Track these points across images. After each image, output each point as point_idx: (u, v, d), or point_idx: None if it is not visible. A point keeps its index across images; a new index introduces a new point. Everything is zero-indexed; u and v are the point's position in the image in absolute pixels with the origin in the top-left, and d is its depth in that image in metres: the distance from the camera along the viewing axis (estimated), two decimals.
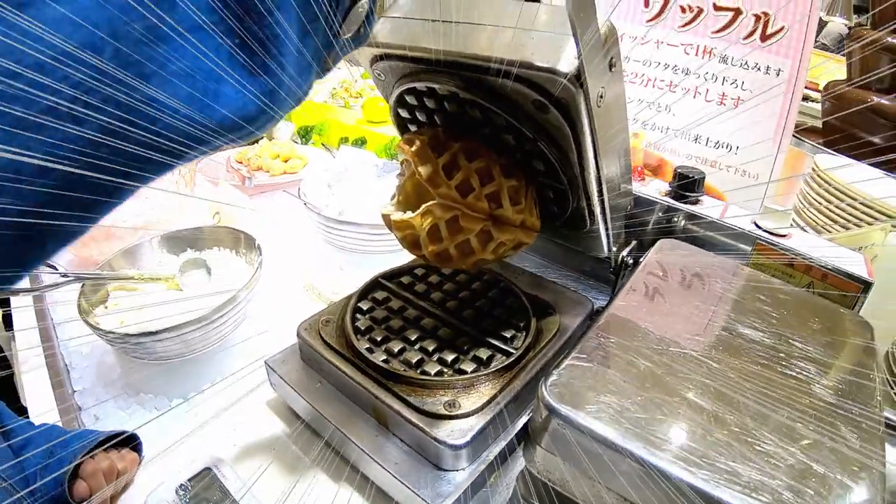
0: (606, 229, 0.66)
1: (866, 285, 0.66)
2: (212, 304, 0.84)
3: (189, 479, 0.61)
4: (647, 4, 1.01)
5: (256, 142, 1.54)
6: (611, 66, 0.52)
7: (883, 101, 1.16)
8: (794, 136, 0.96)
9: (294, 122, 1.68)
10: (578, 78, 0.49)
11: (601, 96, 0.52)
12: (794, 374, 0.49)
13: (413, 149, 0.56)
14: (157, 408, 0.82)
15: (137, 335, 0.78)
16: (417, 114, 0.66)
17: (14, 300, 1.04)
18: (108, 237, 1.08)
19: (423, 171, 0.56)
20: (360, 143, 1.48)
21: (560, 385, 0.48)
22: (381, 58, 0.59)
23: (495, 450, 0.58)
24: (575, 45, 0.46)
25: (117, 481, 0.63)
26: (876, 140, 1.16)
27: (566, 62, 0.49)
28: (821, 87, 3.08)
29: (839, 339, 0.55)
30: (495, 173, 0.58)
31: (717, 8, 0.93)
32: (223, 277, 0.95)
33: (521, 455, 0.52)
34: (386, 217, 0.60)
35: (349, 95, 1.76)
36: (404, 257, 1.06)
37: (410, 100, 0.64)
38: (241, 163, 1.38)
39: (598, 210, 0.63)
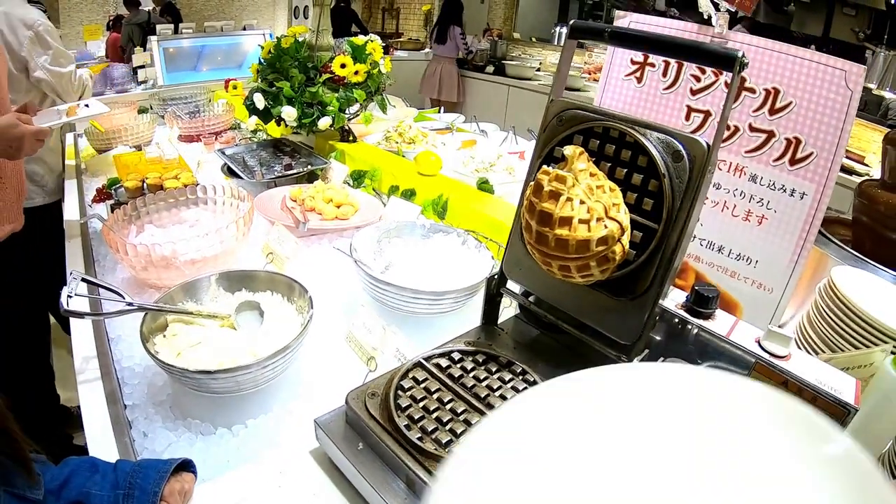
0: (654, 303, 0.76)
1: (851, 411, 0.73)
2: (264, 348, 0.94)
3: None
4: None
5: (311, 181, 1.63)
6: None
7: None
8: (819, 232, 1.01)
9: (348, 164, 1.76)
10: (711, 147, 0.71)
11: (710, 170, 0.73)
12: None
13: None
14: (203, 433, 0.92)
15: (195, 372, 0.88)
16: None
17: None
18: (168, 266, 1.19)
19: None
20: (410, 194, 1.55)
21: None
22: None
23: None
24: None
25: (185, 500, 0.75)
26: None
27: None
28: (865, 160, 3.10)
29: None
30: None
31: (752, 129, 1.01)
32: (275, 322, 1.04)
33: None
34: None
35: (402, 141, 1.82)
36: (442, 320, 1.14)
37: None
38: (295, 201, 1.47)
39: (661, 272, 0.75)
